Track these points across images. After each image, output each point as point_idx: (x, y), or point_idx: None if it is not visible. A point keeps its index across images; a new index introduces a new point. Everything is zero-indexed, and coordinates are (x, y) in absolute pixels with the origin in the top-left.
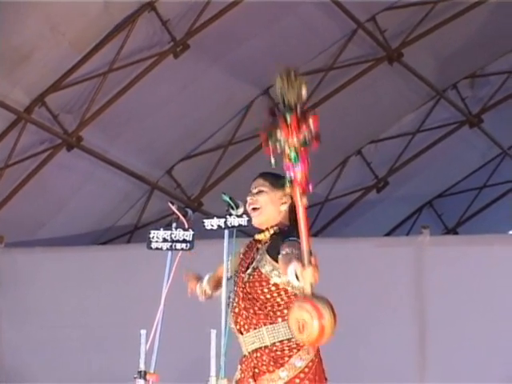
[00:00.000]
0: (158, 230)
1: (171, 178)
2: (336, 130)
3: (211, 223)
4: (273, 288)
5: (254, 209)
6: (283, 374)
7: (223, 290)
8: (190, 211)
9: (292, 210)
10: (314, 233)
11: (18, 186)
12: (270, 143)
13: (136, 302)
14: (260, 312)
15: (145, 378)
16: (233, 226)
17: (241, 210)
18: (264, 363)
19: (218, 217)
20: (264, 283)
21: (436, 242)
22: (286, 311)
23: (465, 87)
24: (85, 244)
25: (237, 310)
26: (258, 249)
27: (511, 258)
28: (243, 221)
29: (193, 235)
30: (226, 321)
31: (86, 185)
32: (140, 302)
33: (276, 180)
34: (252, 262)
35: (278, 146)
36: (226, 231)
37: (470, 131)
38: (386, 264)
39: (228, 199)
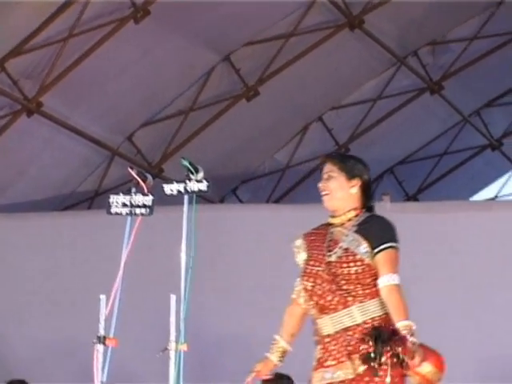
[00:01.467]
0: (118, 195)
1: (132, 145)
2: (297, 97)
3: (171, 188)
4: (366, 268)
5: (325, 194)
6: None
7: (182, 256)
8: (149, 176)
9: (364, 191)
10: (275, 199)
11: None
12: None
13: (97, 267)
14: (347, 293)
15: (104, 343)
16: (192, 192)
17: (200, 175)
18: (357, 340)
19: (178, 182)
20: (359, 263)
21: (396, 208)
22: (374, 289)
23: (426, 54)
24: (46, 210)
25: (319, 292)
26: (332, 232)
27: (471, 224)
28: (203, 186)
29: (152, 200)
30: (185, 285)
31: (46, 151)
32: (101, 267)
33: (344, 164)
34: (334, 244)
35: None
36: (186, 196)
37: (431, 98)
38: None
39: (187, 164)
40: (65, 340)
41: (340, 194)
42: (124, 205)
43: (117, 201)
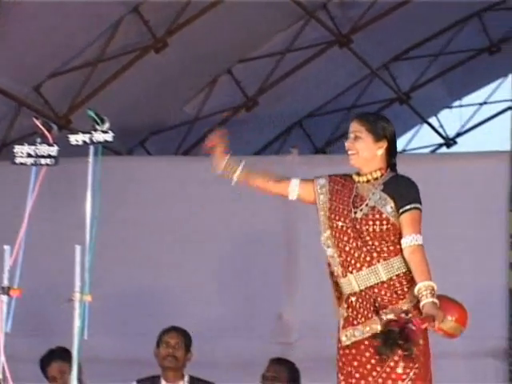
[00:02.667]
0: (23, 145)
1: (39, 95)
2: (206, 49)
3: (76, 139)
4: (391, 227)
5: (352, 154)
6: (405, 306)
7: (88, 206)
8: (54, 126)
9: (388, 152)
10: (183, 151)
11: None
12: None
13: (2, 217)
14: (373, 250)
15: (8, 294)
16: (98, 142)
17: (106, 126)
18: (386, 296)
19: (84, 132)
20: (384, 222)
21: (305, 161)
22: (398, 246)
23: (335, 7)
24: None
25: (347, 248)
26: (357, 187)
27: None
28: (108, 136)
29: (57, 150)
30: (90, 236)
31: None
32: (6, 218)
33: (373, 125)
34: (360, 200)
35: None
36: (92, 147)
37: (340, 51)
38: None
39: (93, 114)
40: None
41: (366, 154)
42: (29, 155)
43: (21, 151)
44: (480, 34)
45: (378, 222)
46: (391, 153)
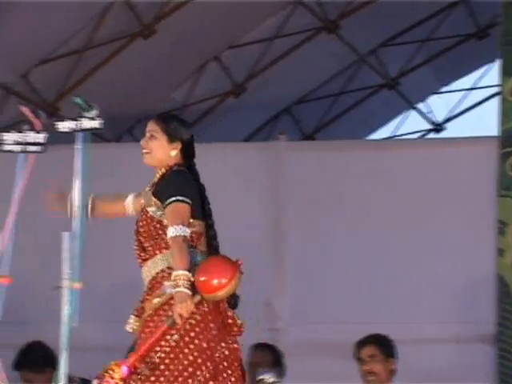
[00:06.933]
0: (10, 132)
1: (27, 83)
2: (193, 35)
3: (63, 125)
4: (157, 225)
5: (146, 152)
6: (155, 300)
7: (76, 194)
8: (42, 113)
9: (185, 154)
10: None
11: None
12: None
13: None
14: (144, 249)
15: None
16: (86, 129)
17: (94, 113)
18: (147, 292)
19: (72, 119)
20: (149, 220)
21: (293, 147)
22: (162, 243)
23: None
24: None
25: (136, 246)
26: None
27: (367, 162)
28: (97, 123)
29: (45, 137)
30: (80, 223)
31: None
32: None
33: (167, 126)
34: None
35: None
36: (80, 134)
37: (328, 37)
38: (243, 169)
39: (81, 101)
40: None
41: (160, 154)
42: (17, 142)
43: (9, 138)
44: (468, 19)
45: (145, 222)
46: (187, 155)
